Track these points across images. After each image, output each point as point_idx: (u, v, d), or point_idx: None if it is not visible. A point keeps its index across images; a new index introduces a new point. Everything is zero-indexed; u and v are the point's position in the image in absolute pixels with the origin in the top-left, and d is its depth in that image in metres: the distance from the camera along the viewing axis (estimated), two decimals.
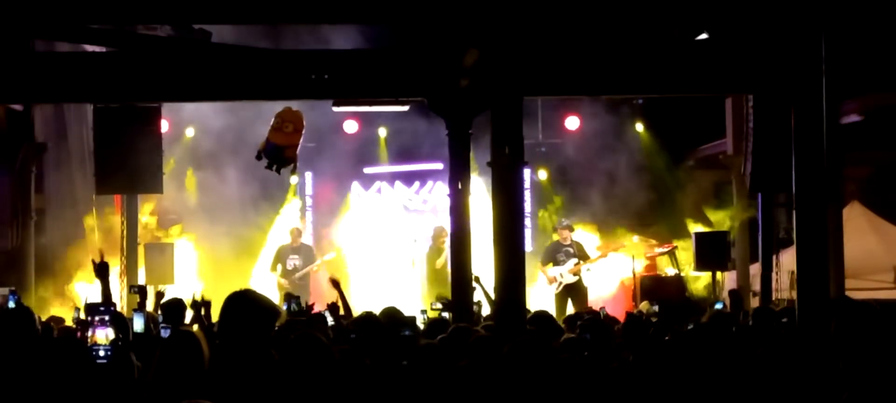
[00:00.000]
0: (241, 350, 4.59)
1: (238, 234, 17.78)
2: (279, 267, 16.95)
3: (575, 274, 16.51)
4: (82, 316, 9.46)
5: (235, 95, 14.05)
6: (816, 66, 8.50)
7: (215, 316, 9.72)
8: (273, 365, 4.61)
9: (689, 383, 6.32)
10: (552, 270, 16.55)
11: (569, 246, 16.68)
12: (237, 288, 4.85)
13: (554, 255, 16.66)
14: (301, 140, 13.26)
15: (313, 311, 9.93)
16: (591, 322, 9.10)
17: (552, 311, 12.52)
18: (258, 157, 13.45)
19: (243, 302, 4.70)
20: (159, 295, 10.32)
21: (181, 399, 4.48)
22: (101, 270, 7.73)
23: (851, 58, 10.93)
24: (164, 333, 8.35)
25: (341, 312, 9.50)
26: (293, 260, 16.97)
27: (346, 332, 7.34)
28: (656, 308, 12.02)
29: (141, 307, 10.11)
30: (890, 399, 4.53)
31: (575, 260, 16.53)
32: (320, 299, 11.99)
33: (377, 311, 7.97)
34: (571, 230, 16.85)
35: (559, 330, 8.62)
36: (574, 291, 16.47)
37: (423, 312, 11.25)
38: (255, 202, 17.84)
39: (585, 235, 17.53)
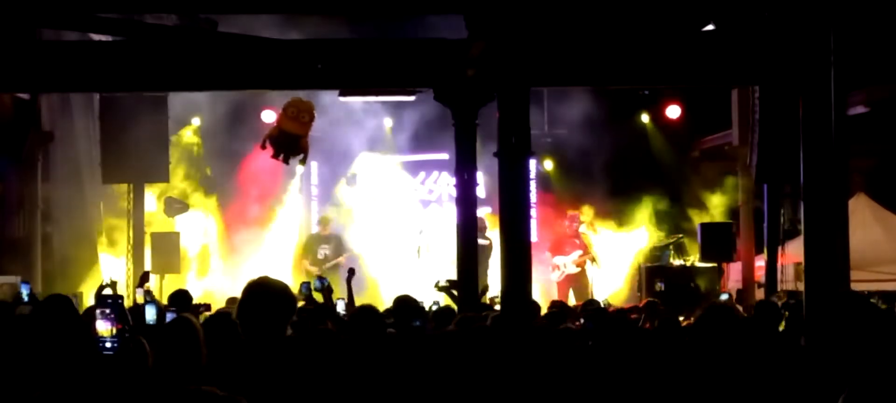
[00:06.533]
0: (259, 338, 4.60)
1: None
2: (309, 255, 17.00)
3: (578, 266, 16.55)
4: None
5: (241, 85, 14.04)
6: (825, 58, 8.48)
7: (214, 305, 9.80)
8: (291, 353, 4.62)
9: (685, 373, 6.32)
10: (556, 259, 16.60)
11: (576, 237, 16.71)
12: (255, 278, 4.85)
13: (563, 245, 16.72)
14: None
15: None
16: (594, 311, 9.15)
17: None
18: (263, 146, 13.46)
19: (261, 291, 4.71)
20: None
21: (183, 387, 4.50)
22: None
23: (859, 50, 10.91)
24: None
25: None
26: (324, 250, 17.04)
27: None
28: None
29: (148, 294, 10.19)
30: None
31: (580, 252, 16.56)
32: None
33: (389, 300, 7.99)
34: (581, 222, 16.88)
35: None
36: (576, 282, 16.49)
37: (436, 303, 11.28)
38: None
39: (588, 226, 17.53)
